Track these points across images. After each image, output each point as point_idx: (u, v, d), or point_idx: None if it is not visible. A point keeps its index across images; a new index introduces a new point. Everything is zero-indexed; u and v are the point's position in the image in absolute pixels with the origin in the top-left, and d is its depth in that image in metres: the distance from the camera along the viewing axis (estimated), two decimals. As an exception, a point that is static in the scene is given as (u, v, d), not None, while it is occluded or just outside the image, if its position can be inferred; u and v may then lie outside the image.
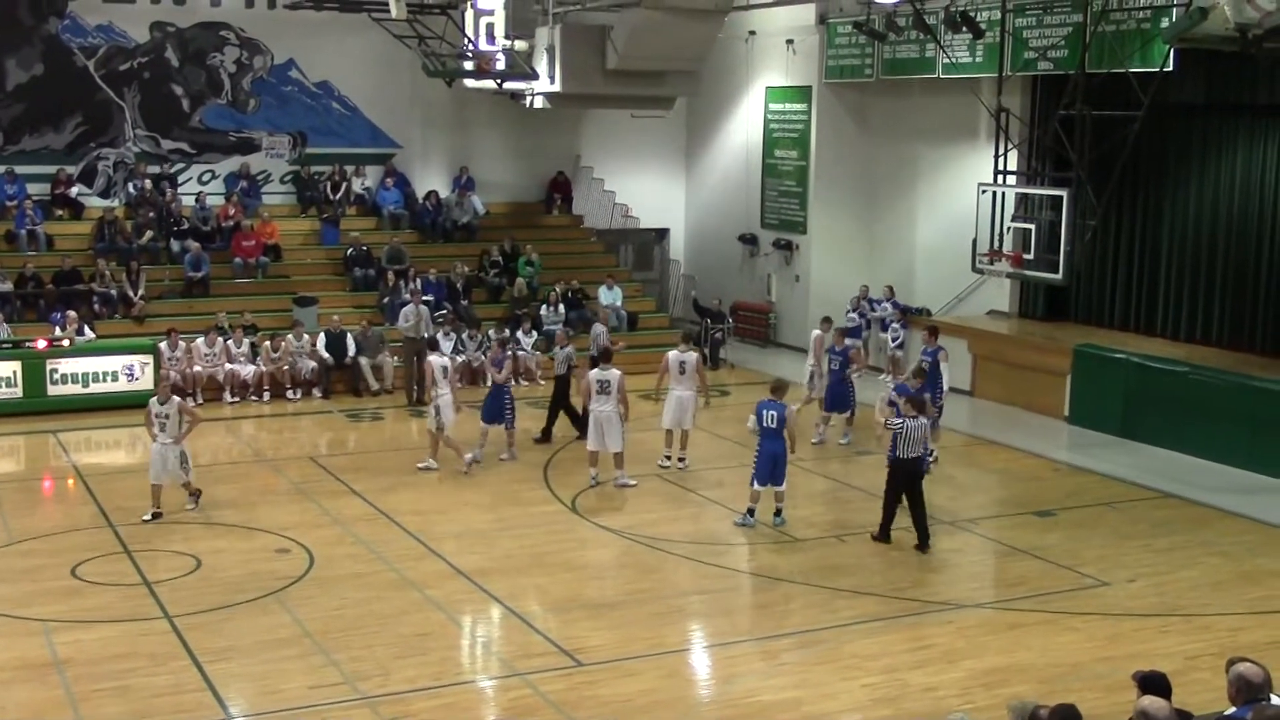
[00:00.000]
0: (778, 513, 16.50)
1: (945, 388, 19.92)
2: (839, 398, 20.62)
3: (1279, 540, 16.44)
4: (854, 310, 26.05)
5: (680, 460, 19.17)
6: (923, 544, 15.65)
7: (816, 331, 21.84)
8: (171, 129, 27.80)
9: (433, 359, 19.35)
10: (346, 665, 12.17)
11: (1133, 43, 20.72)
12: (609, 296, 27.43)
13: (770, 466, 16.33)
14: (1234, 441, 19.58)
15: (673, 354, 19.33)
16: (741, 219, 30.13)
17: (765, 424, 16.33)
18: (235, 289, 26.00)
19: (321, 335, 24.07)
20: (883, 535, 15.88)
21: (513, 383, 21.61)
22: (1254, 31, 15.99)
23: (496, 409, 19.53)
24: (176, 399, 16.76)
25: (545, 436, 20.79)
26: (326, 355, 23.97)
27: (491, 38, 24.96)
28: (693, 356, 19.24)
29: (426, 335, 22.75)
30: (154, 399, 16.76)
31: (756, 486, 16.45)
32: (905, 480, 15.67)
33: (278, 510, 17.11)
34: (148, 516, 16.40)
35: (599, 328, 23.59)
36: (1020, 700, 7.74)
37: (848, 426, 20.77)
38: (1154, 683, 7.83)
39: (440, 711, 11.38)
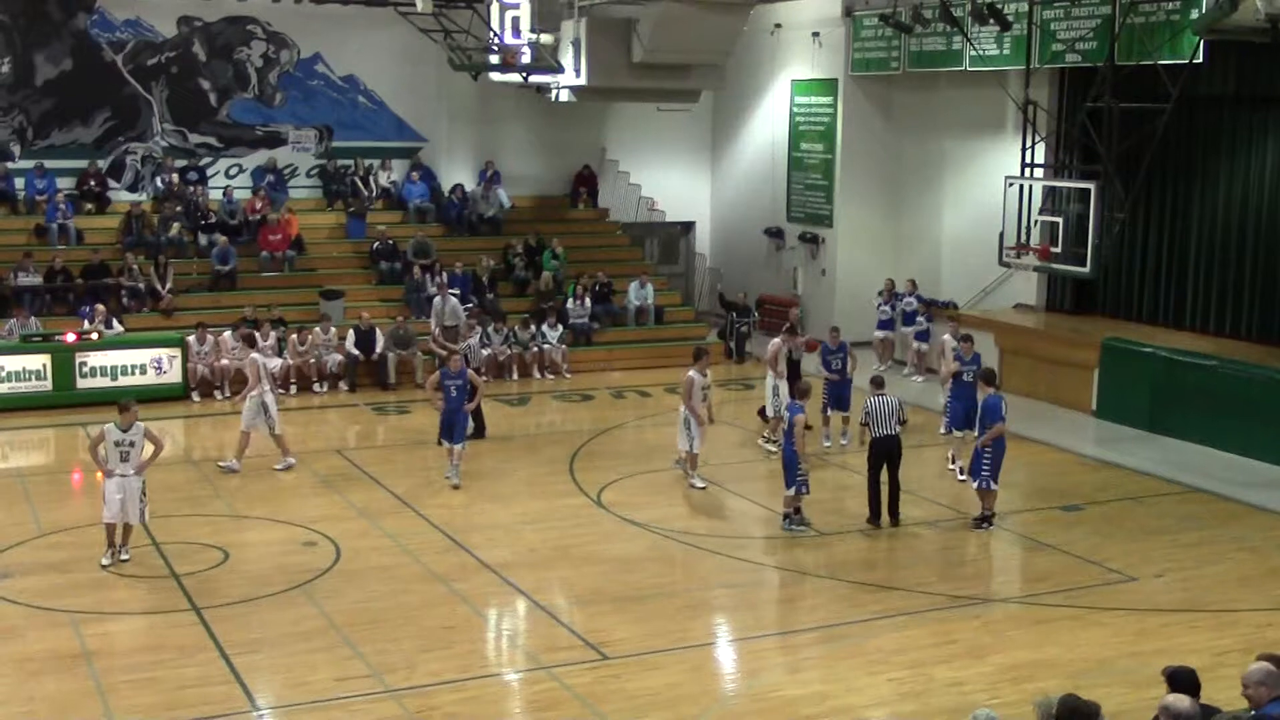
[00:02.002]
0: (785, 517, 16.17)
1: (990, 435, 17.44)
2: (841, 398, 20.19)
3: (1308, 535, 16.34)
4: (885, 303, 25.96)
5: (690, 481, 17.97)
6: (893, 519, 16.18)
7: (776, 341, 20.40)
8: (199, 123, 27.95)
9: (255, 357, 18.93)
10: (372, 658, 12.21)
11: (1162, 34, 20.58)
12: (639, 294, 27.43)
13: (785, 470, 16.22)
14: (1263, 436, 19.45)
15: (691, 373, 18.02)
16: (767, 212, 30.08)
17: (785, 426, 16.40)
18: (262, 282, 26.10)
19: (350, 333, 24.12)
20: (872, 519, 16.17)
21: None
22: (1284, 23, 15.89)
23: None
24: (142, 425, 14.95)
25: (479, 433, 20.68)
26: (356, 351, 24.04)
27: (517, 31, 24.96)
28: (686, 376, 17.89)
29: (458, 324, 23.02)
30: (112, 425, 14.82)
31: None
32: (881, 458, 16.08)
33: (304, 503, 17.19)
34: (108, 560, 14.57)
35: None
36: (1046, 696, 7.72)
37: (845, 425, 20.27)
38: (1182, 678, 7.81)
39: (465, 705, 11.41)
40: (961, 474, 17.96)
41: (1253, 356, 20.90)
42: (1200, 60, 19.73)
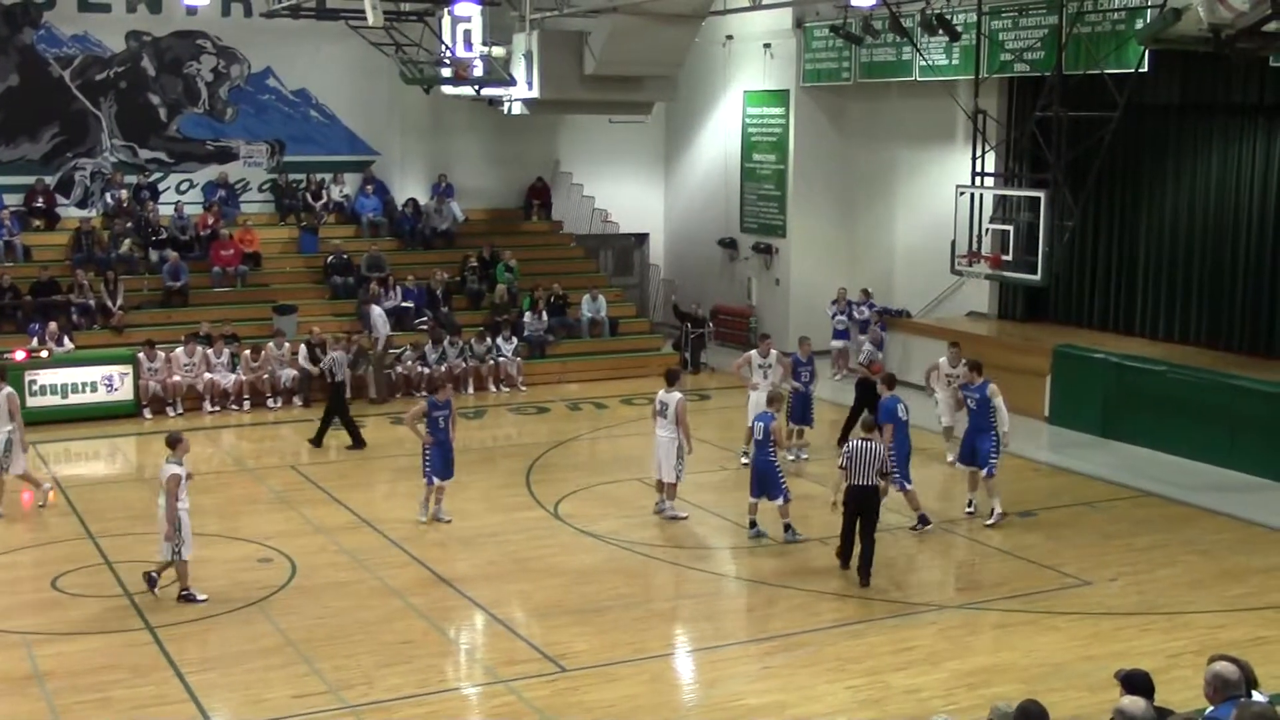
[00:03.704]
0: (786, 528, 16.09)
1: (1005, 428, 16.95)
2: (805, 411, 20.04)
3: (1258, 538, 16.54)
4: (841, 313, 26.07)
5: (660, 510, 17.22)
6: (862, 579, 14.44)
7: (752, 353, 19.95)
8: (149, 138, 27.75)
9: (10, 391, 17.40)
10: (330, 674, 12.14)
11: (1108, 44, 20.82)
12: (592, 307, 27.45)
13: (755, 480, 16.19)
14: (1213, 440, 19.67)
15: (661, 392, 17.21)
16: (721, 223, 30.18)
17: (756, 436, 16.23)
18: (214, 298, 25.92)
19: (302, 347, 23.99)
20: (842, 563, 14.87)
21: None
22: (1227, 32, 16.06)
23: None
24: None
25: (317, 442, 20.82)
26: (309, 365, 23.91)
27: (469, 44, 24.97)
28: (675, 398, 16.82)
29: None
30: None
31: (751, 499, 16.36)
32: (856, 508, 14.54)
33: (260, 519, 17.07)
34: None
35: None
36: (1006, 702, 7.76)
37: (801, 439, 20.23)
38: (1137, 681, 7.86)
39: (424, 719, 11.36)
40: (970, 506, 17.20)
41: (1202, 361, 21.14)
42: (1146, 69, 19.97)
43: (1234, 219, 21.89)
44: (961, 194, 21.96)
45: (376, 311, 24.76)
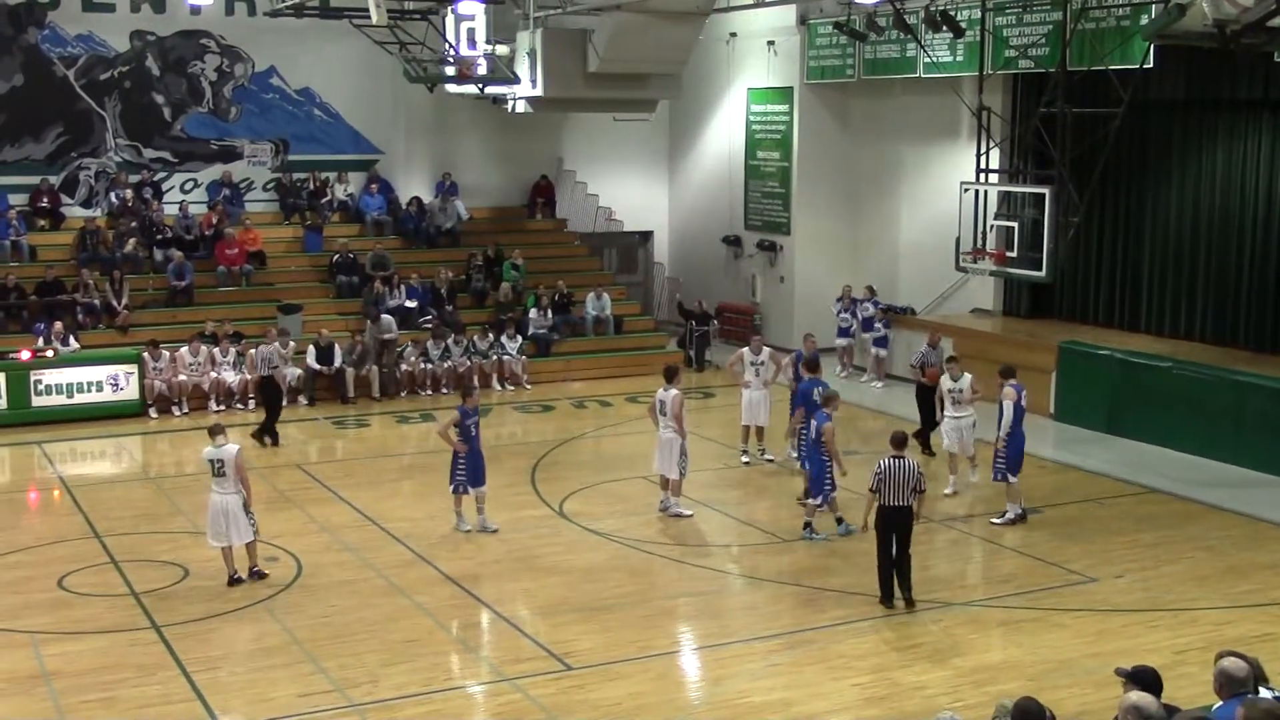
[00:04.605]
0: (806, 525, 16.13)
1: (1003, 431, 16.84)
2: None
3: (1264, 534, 16.50)
4: (845, 310, 26.04)
5: (665, 508, 17.16)
6: (907, 599, 13.73)
7: (744, 351, 19.91)
8: (153, 138, 27.76)
9: None
10: (335, 673, 12.15)
11: (1112, 40, 20.80)
12: (596, 305, 27.44)
13: (814, 480, 16.20)
14: (1219, 436, 19.64)
15: (660, 390, 17.16)
16: (725, 221, 30.16)
17: (812, 435, 16.23)
18: (219, 297, 25.94)
19: (310, 348, 24.00)
20: (883, 598, 13.75)
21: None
22: (1232, 27, 16.03)
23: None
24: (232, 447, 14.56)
25: (262, 436, 20.88)
26: (317, 365, 23.93)
27: (473, 43, 24.96)
28: (672, 394, 16.81)
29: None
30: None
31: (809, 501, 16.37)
32: (888, 530, 13.70)
33: (265, 518, 17.00)
34: None
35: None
36: (1011, 699, 7.75)
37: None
38: (1145, 678, 7.84)
39: (429, 718, 11.37)
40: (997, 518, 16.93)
41: (1207, 357, 21.12)
42: (1150, 65, 19.92)
43: (1239, 215, 21.86)
44: (966, 190, 21.94)
45: (387, 319, 24.81)
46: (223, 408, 23.35)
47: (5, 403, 22.05)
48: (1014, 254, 21.11)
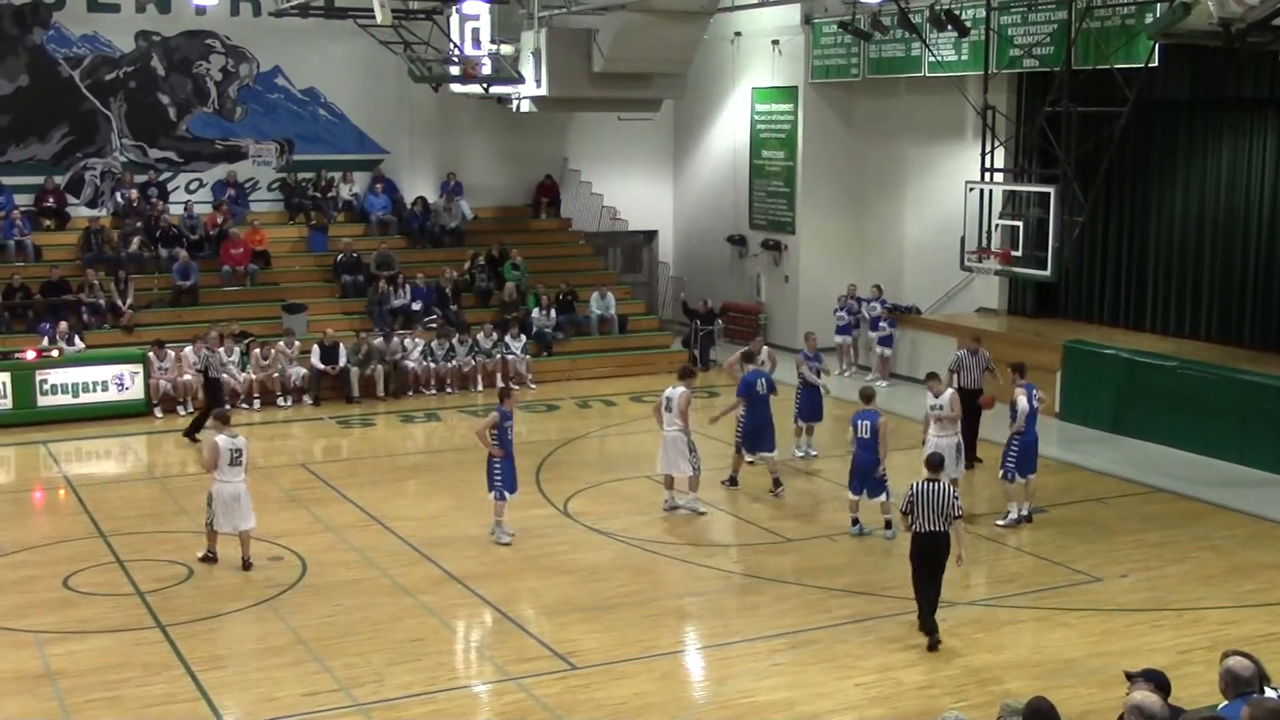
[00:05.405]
0: (886, 524, 16.06)
1: (1013, 429, 16.72)
2: (814, 407, 19.97)
3: (1270, 533, 16.49)
4: (843, 309, 26.04)
5: (670, 507, 17.16)
6: (930, 638, 12.81)
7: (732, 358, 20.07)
8: (158, 138, 27.78)
9: None
10: (340, 672, 12.15)
11: (1117, 39, 20.78)
12: (601, 304, 27.44)
13: (859, 478, 16.18)
14: (1224, 435, 19.63)
15: (668, 387, 17.20)
16: (729, 220, 30.16)
17: (860, 434, 16.14)
18: (224, 297, 25.96)
19: (315, 348, 24.02)
20: (923, 626, 12.91)
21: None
22: (1237, 26, 16.03)
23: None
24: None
25: (192, 434, 20.91)
26: (322, 365, 23.94)
27: (477, 42, 24.99)
28: (679, 391, 16.81)
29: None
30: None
31: (852, 496, 16.32)
32: (922, 556, 12.93)
33: (270, 518, 17.04)
34: None
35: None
36: (1016, 699, 7.75)
37: (810, 436, 20.18)
38: (1156, 680, 7.82)
39: (434, 717, 11.38)
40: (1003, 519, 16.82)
41: (1212, 357, 21.11)
42: (1155, 64, 19.93)
43: (1245, 214, 21.84)
44: (971, 190, 21.94)
45: (395, 342, 24.81)
46: (227, 407, 23.31)
47: (11, 402, 22.07)
48: (1019, 253, 21.10)
